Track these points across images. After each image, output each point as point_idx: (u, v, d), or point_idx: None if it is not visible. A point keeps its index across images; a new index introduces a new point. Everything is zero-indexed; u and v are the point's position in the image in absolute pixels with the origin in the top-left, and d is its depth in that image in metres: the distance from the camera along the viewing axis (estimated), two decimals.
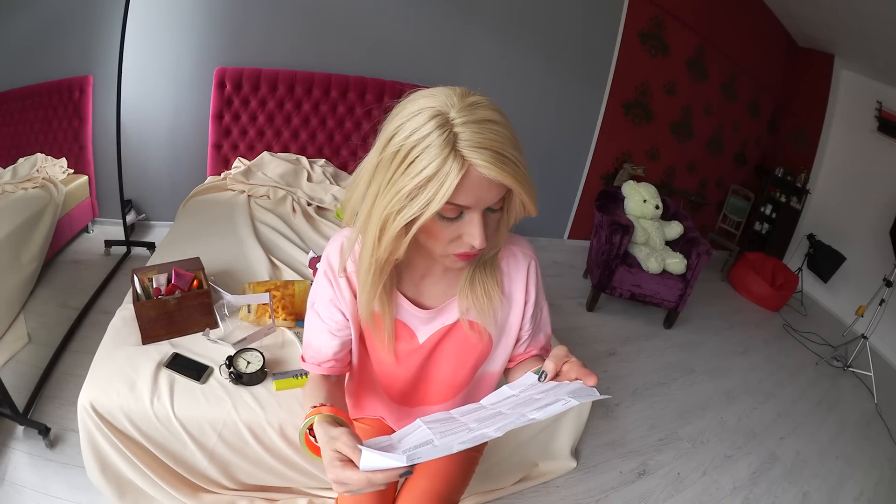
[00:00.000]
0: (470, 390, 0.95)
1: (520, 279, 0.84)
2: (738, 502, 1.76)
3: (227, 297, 1.43)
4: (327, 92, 2.56)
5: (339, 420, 0.66)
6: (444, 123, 0.56)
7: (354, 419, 1.08)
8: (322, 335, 0.84)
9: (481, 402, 0.65)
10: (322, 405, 0.69)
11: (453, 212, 0.62)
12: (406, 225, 0.61)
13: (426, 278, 0.82)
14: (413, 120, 0.58)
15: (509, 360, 0.93)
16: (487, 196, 0.61)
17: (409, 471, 0.52)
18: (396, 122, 0.60)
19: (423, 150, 0.56)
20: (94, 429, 1.11)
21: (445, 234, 0.64)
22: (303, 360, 0.87)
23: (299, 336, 1.44)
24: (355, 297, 0.81)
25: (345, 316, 0.82)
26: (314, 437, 0.68)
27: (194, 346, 1.33)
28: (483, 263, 0.81)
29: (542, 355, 0.92)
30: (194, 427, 1.15)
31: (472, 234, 0.63)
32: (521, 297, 0.85)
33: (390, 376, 0.91)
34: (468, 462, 1.05)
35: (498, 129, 0.58)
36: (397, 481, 1.00)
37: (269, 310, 1.46)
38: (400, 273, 0.80)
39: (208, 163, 2.54)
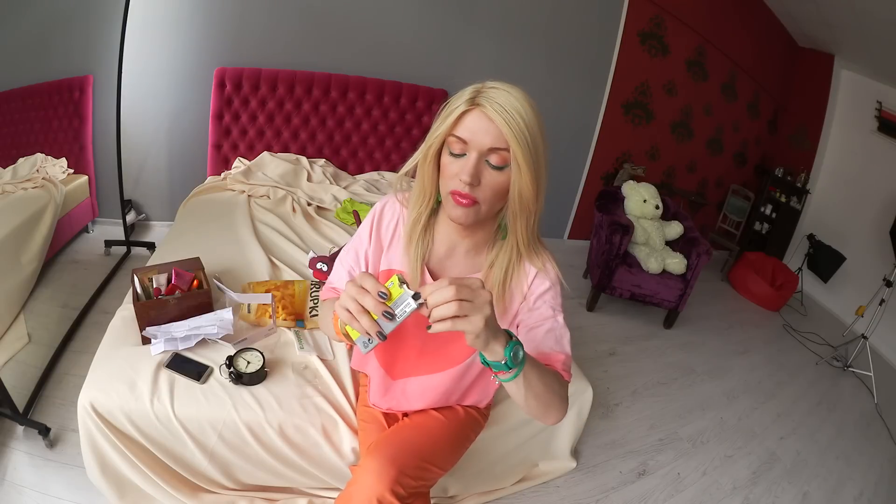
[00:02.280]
0: (457, 376, 1.01)
1: (538, 288, 0.89)
2: (738, 502, 1.76)
3: (232, 295, 1.42)
4: (327, 92, 2.56)
5: None
6: (479, 86, 0.74)
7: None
8: (344, 275, 0.98)
9: None
10: None
11: (458, 145, 0.75)
12: (434, 159, 0.80)
13: (451, 257, 0.91)
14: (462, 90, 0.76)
15: None
16: (484, 137, 0.72)
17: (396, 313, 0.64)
18: None
19: (454, 98, 0.75)
20: (94, 429, 1.11)
21: (451, 169, 0.77)
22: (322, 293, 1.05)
23: (299, 336, 1.44)
24: (379, 255, 0.97)
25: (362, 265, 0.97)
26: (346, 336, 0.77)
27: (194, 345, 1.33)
28: (507, 252, 0.86)
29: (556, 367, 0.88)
30: (194, 427, 1.15)
31: (464, 169, 0.74)
32: (519, 300, 0.90)
33: (398, 340, 0.99)
34: (459, 437, 1.08)
35: (515, 103, 0.70)
36: (394, 418, 1.11)
37: (270, 310, 1.46)
38: (428, 246, 0.91)
39: (208, 163, 2.54)
